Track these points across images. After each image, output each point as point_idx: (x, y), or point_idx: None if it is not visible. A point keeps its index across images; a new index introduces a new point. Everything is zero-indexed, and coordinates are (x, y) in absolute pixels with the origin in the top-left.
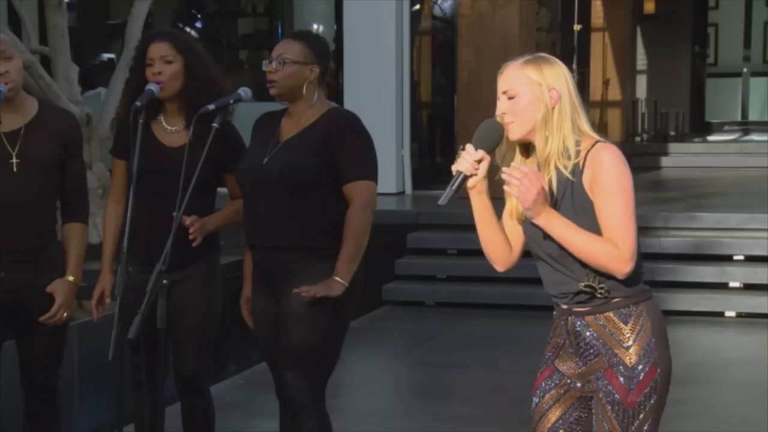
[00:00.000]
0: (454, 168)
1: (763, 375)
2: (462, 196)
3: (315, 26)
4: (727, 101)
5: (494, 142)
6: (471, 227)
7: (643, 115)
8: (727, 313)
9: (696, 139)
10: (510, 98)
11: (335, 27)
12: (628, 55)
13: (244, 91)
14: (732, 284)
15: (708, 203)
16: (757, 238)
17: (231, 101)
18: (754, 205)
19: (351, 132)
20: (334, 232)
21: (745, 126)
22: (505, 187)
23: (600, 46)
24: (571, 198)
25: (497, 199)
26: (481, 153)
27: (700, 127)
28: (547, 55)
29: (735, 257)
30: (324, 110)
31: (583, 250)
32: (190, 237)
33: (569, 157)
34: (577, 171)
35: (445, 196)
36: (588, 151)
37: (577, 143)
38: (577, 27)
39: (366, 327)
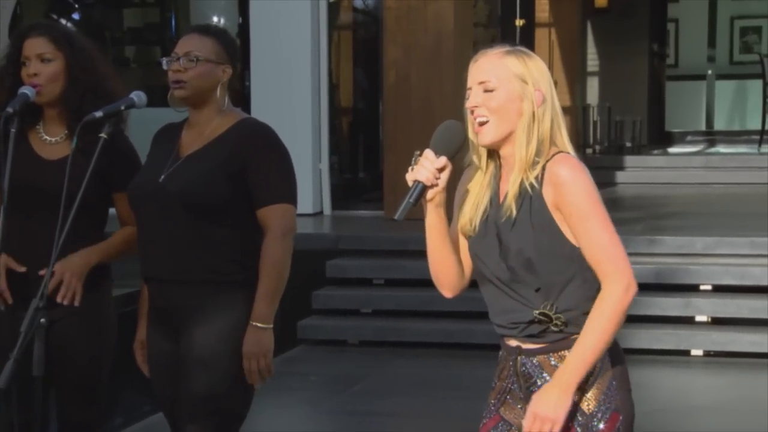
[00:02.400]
0: (411, 177)
1: (735, 424)
2: (392, 218)
3: (215, 19)
4: (689, 108)
5: (456, 146)
6: (400, 253)
7: (595, 123)
8: (694, 352)
9: (655, 151)
10: (487, 91)
11: (239, 20)
12: (577, 54)
13: (138, 96)
14: (698, 318)
15: (670, 225)
16: (726, 264)
17: (122, 107)
18: (723, 227)
19: (266, 148)
20: (244, 261)
21: (711, 136)
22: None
23: (545, 43)
24: (528, 214)
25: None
26: (443, 160)
27: (659, 138)
28: (527, 49)
29: (702, 287)
30: (233, 121)
31: (607, 334)
32: (59, 297)
33: (535, 168)
34: (537, 182)
35: (401, 210)
36: (547, 161)
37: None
38: (519, 22)
39: (279, 370)
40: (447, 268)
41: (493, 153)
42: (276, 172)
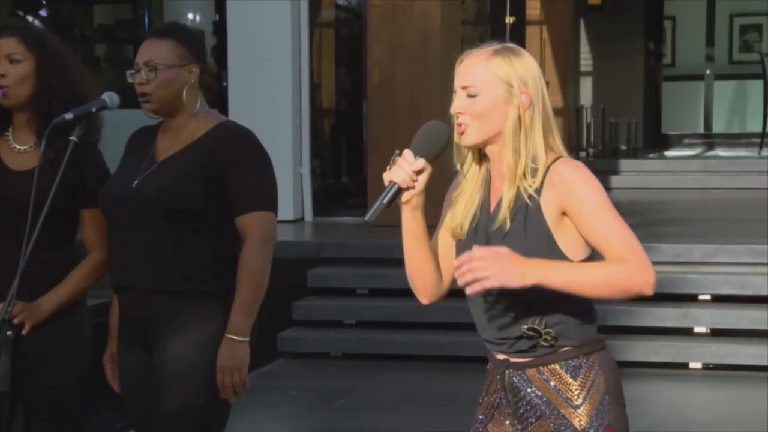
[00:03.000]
0: (387, 177)
1: None
2: (377, 224)
3: (190, 16)
4: (687, 109)
5: (438, 148)
6: (385, 262)
7: (589, 125)
8: (692, 365)
9: (651, 155)
10: (470, 96)
11: (216, 17)
12: (570, 53)
13: (110, 97)
14: (697, 329)
15: (667, 232)
16: (725, 273)
17: (93, 109)
18: (722, 234)
19: (246, 153)
20: (221, 271)
21: (709, 139)
22: (468, 290)
23: (537, 42)
24: (523, 222)
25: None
26: (421, 162)
27: (655, 141)
28: (515, 46)
29: (700, 297)
30: (211, 124)
31: (599, 284)
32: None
33: (533, 177)
34: (536, 190)
35: (373, 211)
36: (548, 168)
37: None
38: (509, 20)
39: (257, 384)
40: (424, 273)
41: (482, 156)
42: (256, 178)
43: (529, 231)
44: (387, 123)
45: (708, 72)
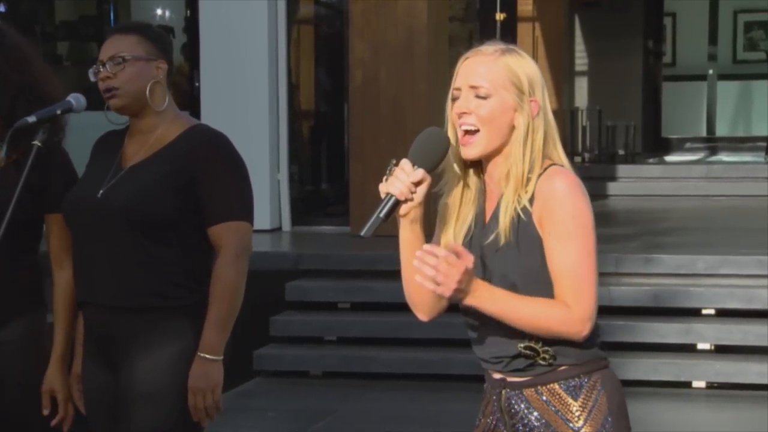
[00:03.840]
0: (383, 189)
1: None
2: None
3: (159, 12)
4: (688, 111)
5: (438, 157)
6: (368, 274)
7: (584, 128)
8: (695, 383)
9: (651, 160)
10: (479, 96)
11: (187, 13)
12: (564, 52)
13: (76, 99)
14: (701, 346)
15: (668, 242)
16: (730, 286)
17: (58, 111)
18: (727, 245)
19: (220, 159)
20: (193, 285)
21: (712, 143)
22: (417, 278)
23: (529, 40)
24: (516, 234)
25: None
26: (420, 173)
27: (655, 145)
28: (517, 48)
29: (704, 311)
30: (182, 128)
31: (529, 322)
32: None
33: (527, 186)
34: (528, 204)
35: (369, 226)
36: (539, 176)
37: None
38: (500, 16)
39: (232, 405)
40: (423, 289)
41: (476, 163)
42: (230, 186)
43: (522, 244)
44: (370, 126)
45: (711, 72)
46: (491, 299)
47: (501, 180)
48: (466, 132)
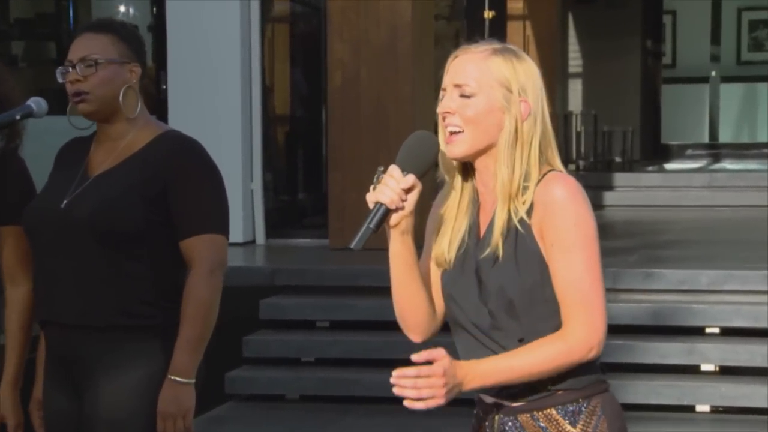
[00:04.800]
0: (372, 198)
1: None
2: (338, 248)
3: (122, 9)
4: (690, 116)
5: (428, 162)
6: (349, 290)
7: (579, 134)
8: (699, 407)
9: (650, 168)
10: (464, 96)
11: (153, 10)
12: (557, 52)
13: (36, 103)
14: (704, 367)
15: (669, 256)
16: (736, 303)
17: (17, 116)
18: (732, 259)
19: (193, 168)
20: (163, 302)
21: (715, 150)
22: (406, 404)
23: (519, 39)
24: (514, 247)
25: None
26: (411, 179)
27: (654, 152)
28: (519, 49)
29: (708, 330)
30: (153, 134)
31: (537, 372)
32: None
33: (525, 195)
34: (526, 215)
35: (359, 238)
36: (537, 183)
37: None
38: (488, 14)
39: (203, 431)
40: (415, 306)
41: (469, 169)
42: (204, 196)
43: (520, 259)
44: (350, 131)
45: (713, 74)
46: (484, 376)
47: (494, 187)
48: (451, 133)
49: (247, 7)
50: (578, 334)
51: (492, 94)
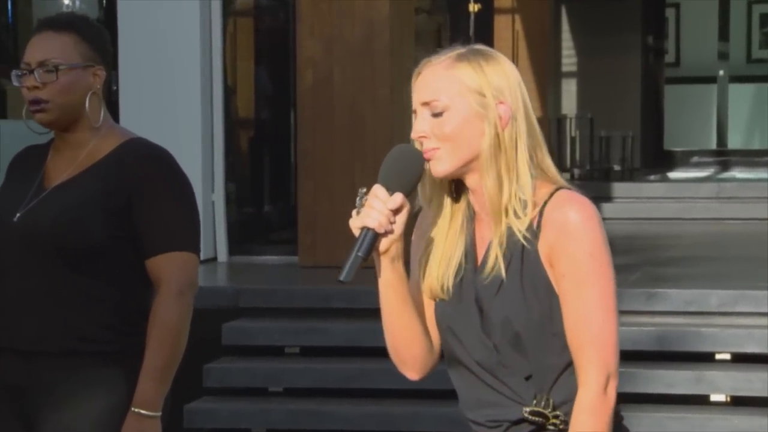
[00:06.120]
0: (357, 224)
1: None
2: (308, 266)
3: (67, 2)
4: (695, 120)
5: (414, 177)
6: (320, 313)
7: (573, 140)
8: None
9: (652, 177)
10: (435, 114)
11: (103, 3)
12: (549, 49)
13: None
14: (714, 397)
15: (674, 274)
16: (748, 326)
17: None
18: (743, 278)
19: (161, 179)
20: (126, 327)
21: (723, 157)
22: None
23: (508, 35)
24: (519, 272)
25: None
26: (399, 198)
27: (657, 159)
28: (487, 48)
29: (718, 356)
30: (117, 142)
31: None
32: None
33: (524, 210)
34: (531, 231)
35: (348, 268)
36: (546, 203)
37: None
38: (474, 7)
39: None
40: (410, 339)
41: (460, 186)
42: (173, 211)
43: (526, 284)
44: (322, 137)
45: (721, 73)
46: None
47: (487, 203)
48: (430, 148)
49: (207, 1)
50: (594, 388)
51: (465, 104)
